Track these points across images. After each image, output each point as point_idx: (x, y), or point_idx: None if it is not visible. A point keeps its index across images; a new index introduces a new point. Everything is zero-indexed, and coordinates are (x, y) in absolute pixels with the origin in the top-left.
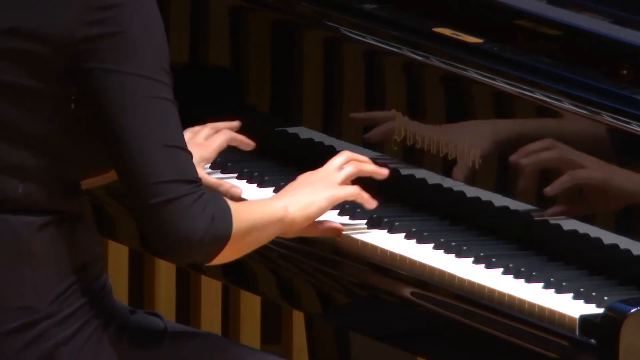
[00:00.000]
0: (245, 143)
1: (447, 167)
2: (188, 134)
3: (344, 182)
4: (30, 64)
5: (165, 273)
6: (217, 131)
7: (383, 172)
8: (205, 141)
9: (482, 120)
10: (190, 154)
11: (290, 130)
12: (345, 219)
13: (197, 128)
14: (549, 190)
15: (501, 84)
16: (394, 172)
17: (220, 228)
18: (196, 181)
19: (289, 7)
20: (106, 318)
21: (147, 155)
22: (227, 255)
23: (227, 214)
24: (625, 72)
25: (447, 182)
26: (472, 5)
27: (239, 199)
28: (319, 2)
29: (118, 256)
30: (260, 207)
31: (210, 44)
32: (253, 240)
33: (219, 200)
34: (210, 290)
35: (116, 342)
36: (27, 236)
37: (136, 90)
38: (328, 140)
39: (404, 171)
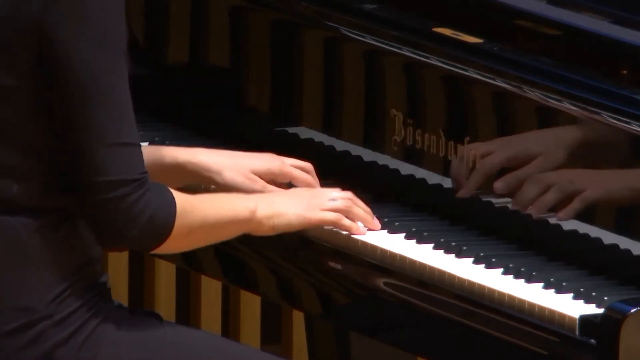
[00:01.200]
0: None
1: (447, 167)
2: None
3: (328, 210)
4: (5, 58)
5: (165, 273)
6: (304, 170)
7: (375, 226)
8: (285, 162)
9: (482, 120)
10: (138, 147)
11: (290, 130)
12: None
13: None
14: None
15: (501, 84)
16: (394, 172)
17: (159, 225)
18: (139, 178)
19: (289, 7)
20: (105, 318)
21: (93, 152)
22: (175, 246)
23: (170, 212)
24: (625, 72)
25: (447, 182)
26: (472, 5)
27: None
28: (319, 2)
29: (118, 256)
30: (221, 204)
31: (210, 44)
32: (204, 236)
33: (163, 197)
34: (210, 290)
35: (115, 342)
36: (25, 236)
37: (93, 70)
38: (328, 140)
39: (404, 171)
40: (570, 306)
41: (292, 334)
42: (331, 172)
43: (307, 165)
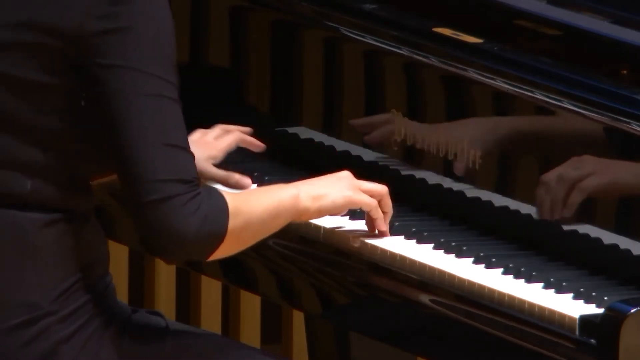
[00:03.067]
0: (255, 145)
1: (447, 167)
2: (198, 134)
3: (366, 192)
4: (41, 58)
5: (165, 273)
6: (227, 132)
7: (384, 234)
8: (214, 140)
9: (482, 120)
10: (191, 154)
11: (290, 130)
12: (346, 219)
13: (208, 130)
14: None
15: (501, 84)
16: (394, 172)
17: (214, 227)
18: (193, 181)
19: (289, 7)
20: (108, 316)
21: (145, 152)
22: (228, 249)
23: (223, 212)
24: (625, 72)
25: (447, 182)
26: (472, 5)
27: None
28: (319, 2)
29: (118, 256)
30: (266, 197)
31: (210, 44)
32: (257, 232)
33: (215, 198)
34: (210, 290)
35: (117, 340)
36: (32, 232)
37: (141, 87)
38: (328, 140)
39: (404, 171)
40: (570, 306)
41: (292, 334)
42: (331, 172)
43: (221, 126)
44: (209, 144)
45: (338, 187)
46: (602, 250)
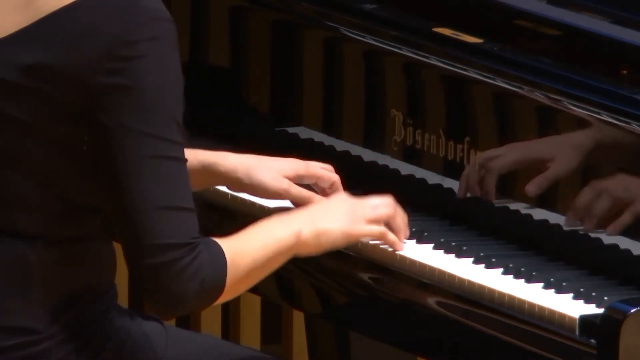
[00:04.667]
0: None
1: (447, 167)
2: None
3: (373, 221)
4: (47, 102)
5: None
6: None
7: (399, 247)
8: (310, 163)
9: (482, 120)
10: (193, 212)
11: (290, 130)
12: None
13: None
14: (548, 190)
15: (501, 84)
16: (394, 172)
17: (213, 285)
18: (192, 242)
19: (289, 7)
20: (108, 335)
21: (144, 215)
22: (227, 297)
23: (221, 269)
24: (625, 72)
25: (447, 182)
26: (472, 5)
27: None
28: (319, 2)
29: (118, 256)
30: (265, 239)
31: (210, 44)
32: (256, 276)
33: (214, 254)
34: None
35: (116, 350)
36: (32, 258)
37: (143, 148)
38: (328, 140)
39: (404, 171)
40: (570, 306)
41: (292, 334)
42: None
43: (329, 166)
44: (304, 162)
45: (340, 221)
46: (602, 250)
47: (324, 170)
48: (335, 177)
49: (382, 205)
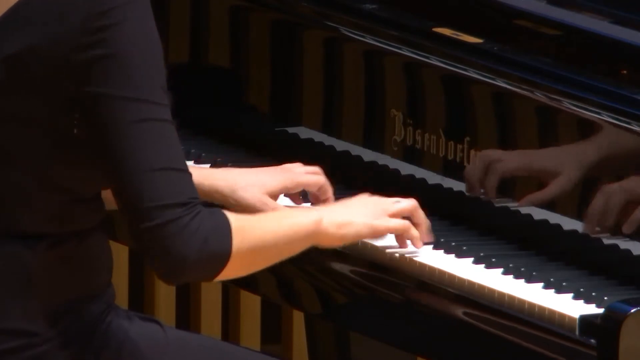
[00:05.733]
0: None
1: (447, 167)
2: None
3: (395, 215)
4: (35, 90)
5: None
6: (317, 175)
7: (430, 238)
8: (297, 172)
9: (482, 120)
10: (187, 174)
11: (290, 130)
12: None
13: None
14: (548, 190)
15: (501, 84)
16: (394, 172)
17: (216, 247)
18: (190, 202)
19: (289, 7)
20: (106, 337)
21: (138, 179)
22: (238, 270)
23: (226, 233)
24: (625, 72)
25: (447, 182)
26: (472, 5)
27: None
28: (319, 2)
29: (118, 256)
30: (282, 220)
31: (210, 44)
32: (271, 256)
33: (217, 218)
34: (210, 290)
35: (115, 353)
36: (31, 261)
37: (128, 113)
38: (328, 140)
39: (404, 171)
40: (570, 306)
41: (292, 334)
42: (331, 172)
43: (316, 169)
44: (290, 172)
45: (363, 215)
46: (602, 250)
47: (309, 176)
48: (323, 180)
49: (404, 200)
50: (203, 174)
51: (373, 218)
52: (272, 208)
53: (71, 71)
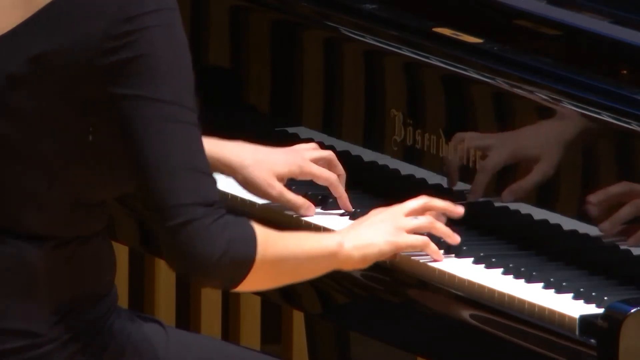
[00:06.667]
0: (342, 200)
1: (447, 167)
2: (300, 145)
3: (412, 231)
4: (55, 92)
5: (165, 273)
6: (326, 162)
7: (458, 211)
8: (307, 158)
9: (482, 120)
10: (212, 178)
11: (290, 130)
12: (345, 219)
13: (310, 147)
14: (548, 190)
15: (501, 84)
16: (394, 172)
17: (240, 252)
18: (214, 204)
19: (289, 7)
20: (109, 337)
21: (165, 178)
22: (259, 282)
23: (250, 239)
24: (625, 72)
25: (447, 182)
26: (472, 5)
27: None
28: (319, 2)
29: (118, 256)
30: (306, 239)
31: (210, 44)
32: (292, 271)
33: (242, 225)
34: (210, 290)
35: (117, 353)
36: (37, 261)
37: (159, 115)
38: (328, 140)
39: (404, 171)
40: (570, 306)
41: (292, 334)
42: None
43: (328, 153)
44: (299, 156)
45: (383, 232)
46: (602, 250)
47: (318, 170)
48: (332, 177)
49: (419, 206)
50: (214, 144)
51: (393, 235)
52: (277, 192)
53: (96, 73)
